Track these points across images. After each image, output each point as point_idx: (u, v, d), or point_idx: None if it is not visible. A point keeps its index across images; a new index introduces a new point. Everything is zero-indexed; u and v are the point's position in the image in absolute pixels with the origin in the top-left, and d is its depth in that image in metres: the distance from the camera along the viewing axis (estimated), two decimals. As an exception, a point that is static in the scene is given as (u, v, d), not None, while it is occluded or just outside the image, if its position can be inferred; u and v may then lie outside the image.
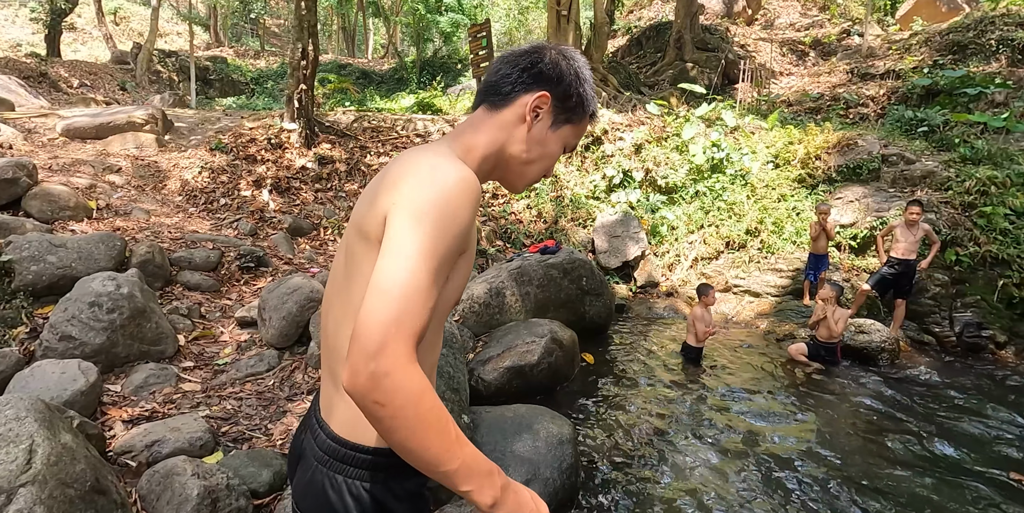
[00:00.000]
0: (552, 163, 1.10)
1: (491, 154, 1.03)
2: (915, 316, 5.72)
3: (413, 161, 0.92)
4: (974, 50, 10.81)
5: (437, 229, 0.83)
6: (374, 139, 8.50)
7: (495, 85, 1.03)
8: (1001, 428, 3.96)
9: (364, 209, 0.93)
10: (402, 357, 0.77)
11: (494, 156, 1.04)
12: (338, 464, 0.97)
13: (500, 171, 1.08)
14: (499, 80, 1.02)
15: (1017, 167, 6.61)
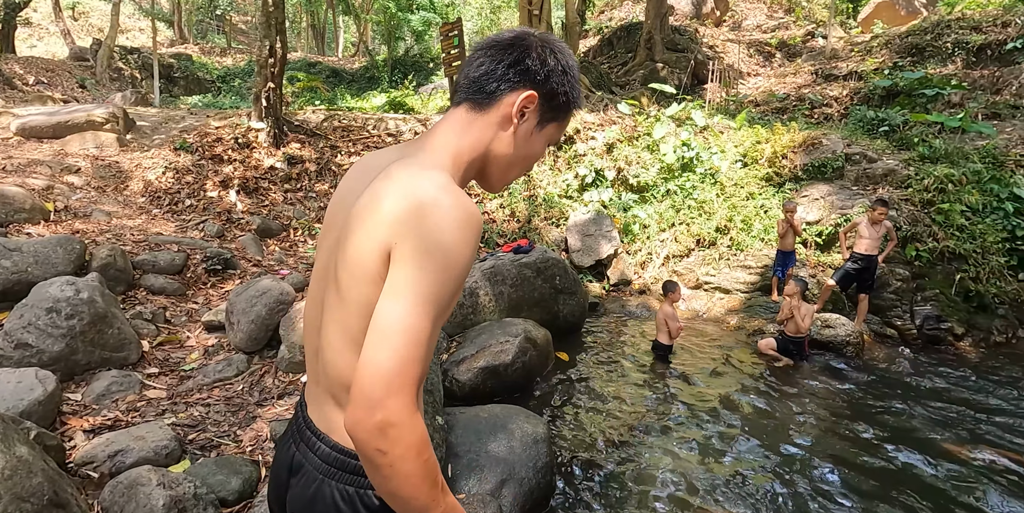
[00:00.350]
0: (534, 162, 1.06)
1: (477, 158, 0.99)
2: (878, 310, 5.90)
3: (407, 187, 0.85)
4: (931, 53, 11.19)
5: (442, 274, 0.80)
6: (345, 138, 8.39)
7: (478, 82, 0.96)
8: (960, 413, 4.12)
9: (350, 240, 0.88)
10: (406, 408, 0.77)
11: (479, 160, 0.99)
12: (349, 476, 0.95)
13: (481, 172, 1.04)
14: (482, 76, 0.96)
15: (972, 166, 6.87)
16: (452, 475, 2.88)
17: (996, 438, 3.77)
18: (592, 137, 8.62)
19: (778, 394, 4.37)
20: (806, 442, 3.60)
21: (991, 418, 4.08)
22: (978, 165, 6.87)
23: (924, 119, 8.20)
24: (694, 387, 4.38)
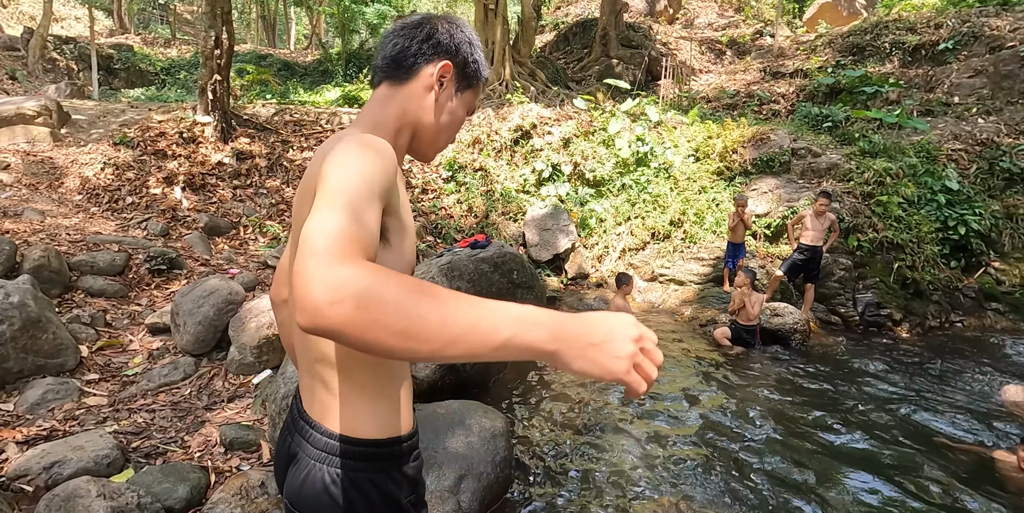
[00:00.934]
0: (459, 127, 1.12)
1: (405, 126, 1.04)
2: (823, 298, 6.16)
3: (329, 149, 0.91)
4: (871, 52, 11.67)
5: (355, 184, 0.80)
6: (297, 133, 8.18)
7: (395, 59, 1.03)
8: (898, 395, 4.35)
9: (302, 206, 0.94)
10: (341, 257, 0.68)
11: (408, 128, 1.05)
12: (340, 460, 0.96)
13: (414, 142, 1.09)
14: (398, 54, 1.02)
15: (908, 160, 7.23)
16: (410, 473, 2.86)
17: (927, 418, 3.99)
18: (549, 132, 8.66)
19: (732, 381, 4.50)
20: (760, 427, 3.73)
21: (924, 400, 4.31)
22: (913, 159, 7.23)
23: (864, 115, 8.57)
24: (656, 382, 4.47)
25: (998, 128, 7.95)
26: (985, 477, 3.18)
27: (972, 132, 7.94)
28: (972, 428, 3.83)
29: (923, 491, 3.01)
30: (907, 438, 3.63)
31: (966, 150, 7.64)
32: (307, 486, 0.97)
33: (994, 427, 3.85)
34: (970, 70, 9.62)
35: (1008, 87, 8.98)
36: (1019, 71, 8.98)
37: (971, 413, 4.04)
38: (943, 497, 2.98)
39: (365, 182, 0.82)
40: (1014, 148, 7.42)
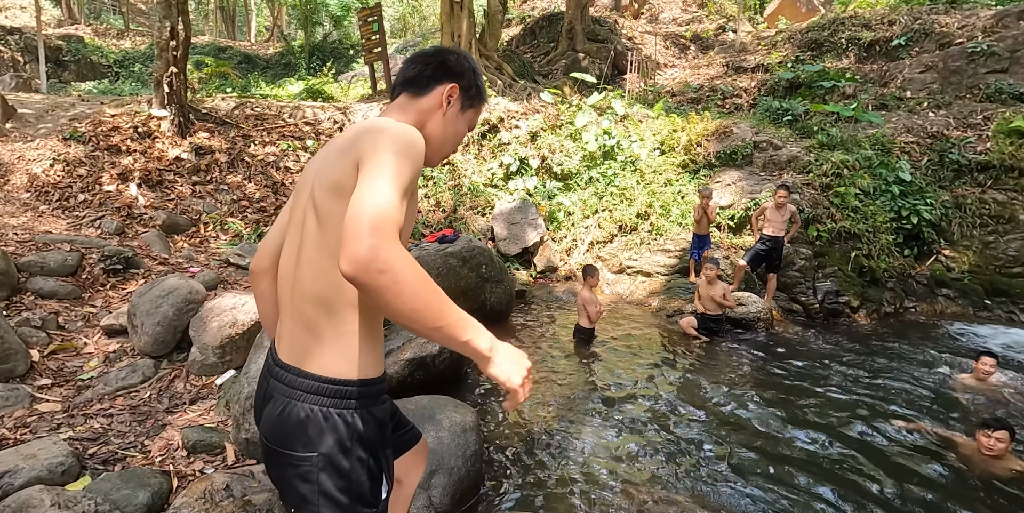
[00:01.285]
0: (461, 139, 1.36)
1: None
2: (785, 287, 6.33)
3: (368, 124, 1.10)
4: (828, 47, 11.98)
5: (403, 158, 1.02)
6: (258, 127, 7.98)
7: (414, 79, 1.28)
8: (858, 379, 4.50)
9: (330, 170, 1.10)
10: (391, 236, 0.91)
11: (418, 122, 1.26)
12: (315, 397, 1.10)
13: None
14: (417, 76, 1.27)
15: (864, 152, 7.46)
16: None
17: (886, 403, 4.15)
18: (516, 126, 8.64)
19: (698, 370, 4.60)
20: (725, 414, 3.81)
21: (880, 382, 4.48)
22: (869, 152, 7.47)
23: (822, 109, 8.80)
24: (618, 368, 4.53)
25: (947, 121, 8.27)
26: (946, 461, 3.29)
27: (923, 125, 8.24)
28: (928, 411, 3.99)
29: (884, 475, 3.10)
30: (867, 424, 3.76)
31: (918, 143, 7.92)
32: (281, 420, 1.11)
33: (947, 410, 4.03)
34: (921, 66, 9.97)
35: (956, 82, 9.34)
36: (966, 67, 9.34)
37: (925, 396, 4.22)
38: (904, 481, 3.07)
39: (413, 169, 1.04)
40: (962, 141, 7.73)
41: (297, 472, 1.10)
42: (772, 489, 2.99)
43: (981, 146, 7.64)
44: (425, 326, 0.93)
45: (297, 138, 7.98)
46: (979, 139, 7.76)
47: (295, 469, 1.10)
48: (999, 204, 7.17)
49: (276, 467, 1.15)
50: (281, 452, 1.11)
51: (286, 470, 1.12)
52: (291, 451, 1.09)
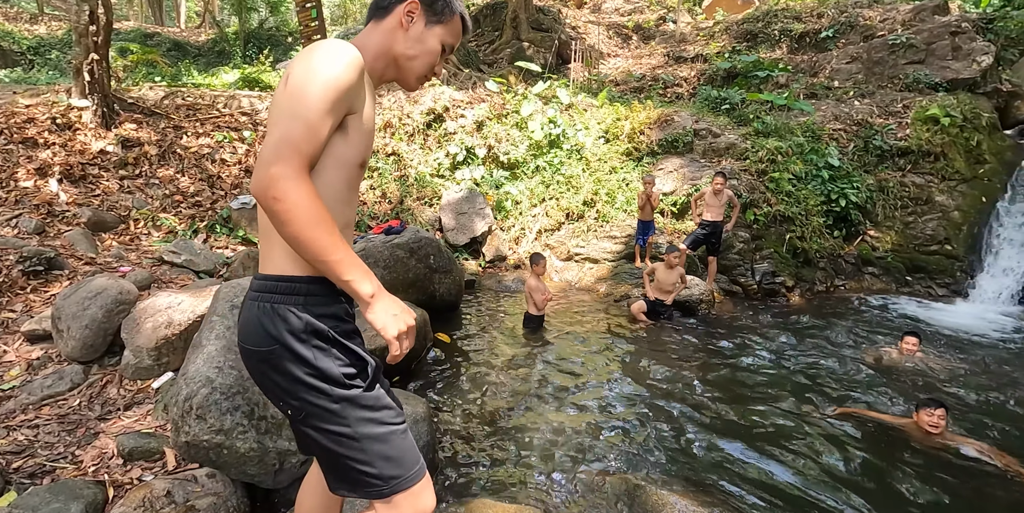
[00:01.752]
0: (434, 59, 1.34)
1: (381, 53, 1.29)
2: (725, 270, 6.58)
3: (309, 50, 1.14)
4: (763, 38, 12.40)
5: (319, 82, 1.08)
6: (191, 118, 7.61)
7: (378, 2, 1.31)
8: (793, 355, 4.75)
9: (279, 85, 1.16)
10: (293, 167, 1.04)
11: (384, 56, 1.30)
12: (268, 295, 1.17)
13: (392, 70, 1.33)
14: (379, 0, 1.31)
15: (796, 139, 7.80)
16: (329, 465, 2.80)
17: (819, 376, 4.40)
18: (462, 115, 8.58)
19: (646, 353, 4.73)
20: (673, 395, 3.94)
21: (814, 359, 4.75)
22: (801, 139, 7.82)
23: (757, 98, 9.13)
24: (569, 353, 4.61)
25: (871, 110, 8.73)
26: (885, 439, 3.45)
27: (850, 113, 8.67)
28: (859, 387, 4.24)
29: (821, 454, 3.25)
30: (806, 400, 3.96)
31: (845, 130, 8.34)
32: (245, 320, 1.20)
33: (875, 385, 4.29)
34: (847, 57, 10.46)
35: (879, 72, 9.86)
36: (888, 58, 9.86)
37: (854, 372, 4.48)
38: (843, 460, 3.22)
39: (326, 94, 1.09)
40: (884, 128, 8.19)
41: (268, 365, 1.17)
42: (719, 465, 3.12)
43: (901, 133, 8.12)
44: (312, 257, 1.07)
45: (233, 129, 7.65)
46: (899, 126, 8.24)
47: (266, 363, 1.18)
48: (917, 187, 7.67)
49: (251, 365, 1.23)
50: (250, 349, 1.19)
51: (260, 366, 1.20)
52: (256, 347, 1.18)
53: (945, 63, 9.34)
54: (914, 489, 2.95)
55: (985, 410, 3.93)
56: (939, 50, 9.51)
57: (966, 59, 9.25)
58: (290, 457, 2.59)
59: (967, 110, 8.20)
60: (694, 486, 2.92)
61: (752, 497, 2.85)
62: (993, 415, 3.85)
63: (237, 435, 2.48)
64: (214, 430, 2.47)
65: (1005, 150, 8.24)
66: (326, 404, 1.17)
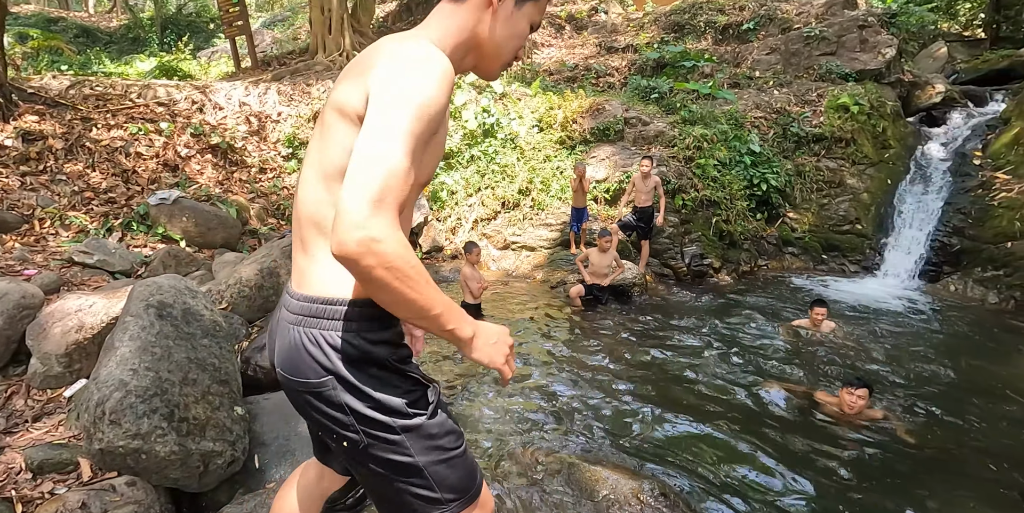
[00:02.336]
0: (522, 42, 1.16)
1: (463, 41, 1.10)
2: (656, 253, 6.82)
3: (392, 47, 0.99)
4: (689, 30, 12.79)
5: (416, 112, 0.90)
6: (101, 109, 7.13)
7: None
8: (720, 333, 5.00)
9: (346, 88, 1.00)
10: (390, 225, 0.86)
11: (466, 42, 1.11)
12: (314, 320, 1.04)
13: (474, 57, 1.15)
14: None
15: (720, 127, 8.13)
16: (260, 465, 2.75)
17: (745, 352, 4.66)
18: (395, 105, 8.44)
19: (582, 336, 4.86)
20: (610, 376, 4.07)
21: (739, 334, 5.02)
22: (725, 126, 8.15)
23: (684, 87, 9.44)
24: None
25: (789, 98, 9.21)
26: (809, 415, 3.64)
27: (769, 102, 9.11)
28: (778, 357, 4.52)
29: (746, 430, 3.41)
30: (732, 376, 4.18)
31: (765, 117, 8.76)
32: (290, 349, 1.06)
33: (790, 355, 4.58)
34: (767, 48, 10.96)
35: (796, 63, 10.39)
36: (803, 49, 10.40)
37: (773, 345, 4.76)
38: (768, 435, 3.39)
39: (428, 114, 0.92)
40: (800, 115, 8.66)
41: (320, 399, 1.06)
42: (652, 442, 3.26)
43: (816, 120, 8.62)
44: (412, 316, 0.94)
45: (149, 120, 7.24)
46: (814, 114, 8.73)
47: (317, 396, 1.06)
48: (831, 171, 8.17)
49: (298, 399, 1.10)
50: (298, 382, 1.07)
51: (310, 399, 1.07)
52: (304, 379, 1.05)
53: (854, 55, 9.96)
54: (833, 466, 3.12)
55: (886, 375, 4.28)
56: (849, 43, 10.12)
57: (872, 51, 9.89)
58: (215, 458, 2.52)
59: (874, 99, 8.79)
60: (627, 462, 3.05)
61: (682, 471, 3.01)
62: (893, 380, 4.21)
63: (156, 439, 2.39)
64: (130, 435, 2.37)
65: (907, 136, 8.91)
66: (388, 436, 1.07)
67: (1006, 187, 6.90)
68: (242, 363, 3.63)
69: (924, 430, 3.54)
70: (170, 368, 2.59)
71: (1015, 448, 3.41)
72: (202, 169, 7.05)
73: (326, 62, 9.99)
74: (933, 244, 7.10)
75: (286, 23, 19.06)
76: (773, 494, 2.87)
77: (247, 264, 4.47)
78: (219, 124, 7.72)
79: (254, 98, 8.37)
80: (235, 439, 2.65)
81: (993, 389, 4.14)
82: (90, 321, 3.22)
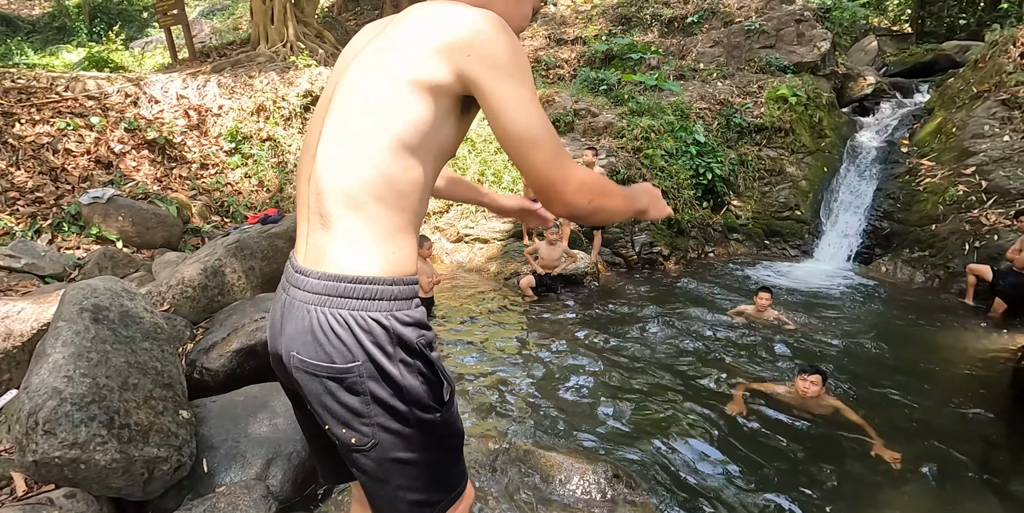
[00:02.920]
0: (527, 23, 1.19)
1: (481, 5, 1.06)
2: (608, 243, 6.96)
3: (449, 14, 0.96)
4: (636, 22, 12.99)
5: (527, 77, 0.96)
6: (24, 103, 6.71)
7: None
8: (669, 319, 5.15)
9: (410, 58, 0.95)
10: (576, 170, 0.99)
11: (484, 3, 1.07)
12: (340, 299, 0.98)
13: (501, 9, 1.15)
14: None
15: (667, 117, 8.32)
16: (209, 469, 2.68)
17: (691, 334, 4.82)
18: (342, 98, 8.26)
19: (535, 327, 4.93)
20: (563, 365, 4.14)
21: (687, 319, 5.19)
22: (671, 117, 8.35)
23: (632, 79, 9.60)
24: (460, 334, 4.69)
25: (732, 90, 9.50)
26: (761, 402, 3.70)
27: (713, 93, 9.38)
28: (726, 342, 4.69)
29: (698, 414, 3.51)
30: (682, 362, 4.31)
31: (709, 109, 9.02)
32: (311, 331, 0.99)
33: (740, 340, 4.75)
34: (711, 41, 11.25)
35: (738, 56, 10.71)
36: (744, 42, 10.73)
37: (720, 330, 4.94)
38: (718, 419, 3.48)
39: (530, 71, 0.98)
40: (742, 106, 8.96)
41: (343, 385, 0.99)
42: (605, 428, 3.35)
43: (757, 111, 8.93)
44: (617, 218, 1.15)
45: (79, 115, 6.85)
46: (755, 105, 9.05)
47: (340, 382, 0.99)
48: (772, 160, 8.51)
49: (314, 386, 1.01)
50: (320, 366, 0.99)
51: (329, 386, 1.00)
52: (330, 363, 0.98)
53: (792, 48, 10.35)
54: (782, 444, 3.24)
55: (828, 354, 4.52)
56: (786, 36, 10.50)
57: (808, 44, 10.30)
58: (160, 464, 2.45)
59: (810, 90, 9.17)
60: (582, 447, 3.12)
61: (635, 453, 3.10)
62: (835, 359, 4.45)
63: (95, 447, 2.30)
64: (67, 445, 2.27)
65: (841, 125, 9.35)
66: (401, 429, 1.02)
67: (930, 173, 7.35)
68: (187, 366, 3.53)
69: (863, 405, 3.75)
70: (108, 374, 2.50)
71: (945, 417, 3.67)
72: (138, 166, 6.74)
73: (269, 53, 9.66)
74: (866, 228, 7.51)
75: (226, 12, 18.33)
76: (725, 473, 3.00)
77: (189, 264, 4.32)
78: (156, 118, 7.38)
79: (193, 91, 8.04)
80: (181, 444, 2.58)
81: (923, 362, 4.45)
82: (19, 328, 3.06)
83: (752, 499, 2.80)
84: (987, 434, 3.56)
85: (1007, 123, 7.13)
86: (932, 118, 8.43)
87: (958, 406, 3.83)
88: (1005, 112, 7.24)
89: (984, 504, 2.77)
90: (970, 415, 3.75)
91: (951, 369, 4.36)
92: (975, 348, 4.77)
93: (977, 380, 4.21)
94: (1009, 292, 5.35)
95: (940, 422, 3.65)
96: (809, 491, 2.87)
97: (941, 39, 13.74)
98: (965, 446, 3.37)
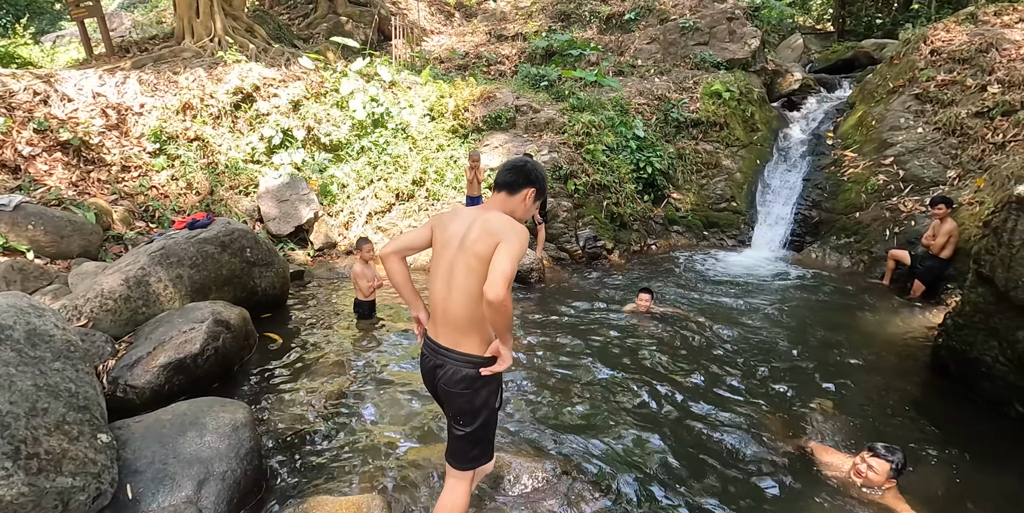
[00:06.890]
0: (529, 217, 2.32)
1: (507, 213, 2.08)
2: (552, 238, 6.99)
3: (507, 221, 1.97)
4: (575, 19, 13.08)
5: (519, 246, 1.91)
6: (-87, 103, 6.11)
7: (511, 184, 2.07)
8: (610, 314, 5.21)
9: (479, 244, 1.95)
10: (508, 288, 1.84)
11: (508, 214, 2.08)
12: (474, 366, 2.07)
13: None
14: (512, 182, 2.07)
15: (607, 113, 8.42)
16: (134, 495, 2.51)
17: (624, 327, 4.89)
18: (275, 94, 7.95)
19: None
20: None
21: (625, 313, 5.26)
22: (611, 113, 8.46)
23: (572, 75, 9.67)
24: (402, 338, 4.57)
25: (669, 85, 9.71)
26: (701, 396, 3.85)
27: (651, 89, 9.57)
28: (633, 334, 4.78)
29: (641, 408, 3.61)
30: (627, 357, 4.36)
31: (648, 104, 9.19)
32: (457, 377, 2.08)
33: (630, 331, 4.85)
34: (648, 38, 11.46)
35: (674, 53, 10.96)
36: (680, 39, 10.99)
37: (635, 323, 5.00)
38: (660, 412, 3.59)
39: (522, 250, 1.92)
40: (679, 102, 9.18)
41: (471, 396, 2.10)
42: (549, 425, 3.34)
43: (693, 106, 9.17)
44: (503, 331, 1.97)
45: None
46: (691, 100, 9.28)
47: (470, 395, 2.10)
48: (708, 153, 8.76)
49: (456, 399, 2.12)
50: (459, 392, 2.09)
51: (463, 397, 2.10)
52: (465, 390, 2.09)
53: (724, 45, 10.67)
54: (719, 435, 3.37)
55: (763, 337, 4.69)
56: (719, 33, 10.82)
57: (740, 42, 10.66)
58: (76, 495, 2.28)
59: (742, 86, 9.49)
60: (530, 446, 3.11)
61: (581, 449, 3.12)
62: (770, 342, 4.61)
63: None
64: (-37, 479, 2.07)
65: (772, 119, 9.73)
66: (488, 411, 2.17)
67: (853, 164, 7.75)
68: (108, 384, 3.32)
69: (789, 381, 3.92)
70: (12, 399, 2.30)
71: (871, 390, 3.88)
72: (51, 169, 6.27)
73: (195, 48, 9.15)
74: (796, 217, 7.86)
75: (148, 5, 17.30)
76: (668, 465, 3.06)
77: (110, 274, 4.04)
78: (69, 118, 6.88)
79: (111, 88, 7.53)
80: (100, 470, 2.41)
81: (850, 340, 4.72)
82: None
83: (698, 487, 2.88)
84: (909, 404, 3.80)
85: (920, 116, 7.60)
86: (854, 112, 8.88)
87: (884, 378, 4.08)
88: (919, 106, 7.71)
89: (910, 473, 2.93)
90: (894, 386, 3.99)
91: (876, 346, 4.63)
92: (897, 326, 5.07)
93: (899, 355, 4.48)
94: (926, 274, 5.72)
95: (867, 394, 3.86)
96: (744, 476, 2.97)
97: (860, 37, 14.52)
98: (890, 416, 3.59)
